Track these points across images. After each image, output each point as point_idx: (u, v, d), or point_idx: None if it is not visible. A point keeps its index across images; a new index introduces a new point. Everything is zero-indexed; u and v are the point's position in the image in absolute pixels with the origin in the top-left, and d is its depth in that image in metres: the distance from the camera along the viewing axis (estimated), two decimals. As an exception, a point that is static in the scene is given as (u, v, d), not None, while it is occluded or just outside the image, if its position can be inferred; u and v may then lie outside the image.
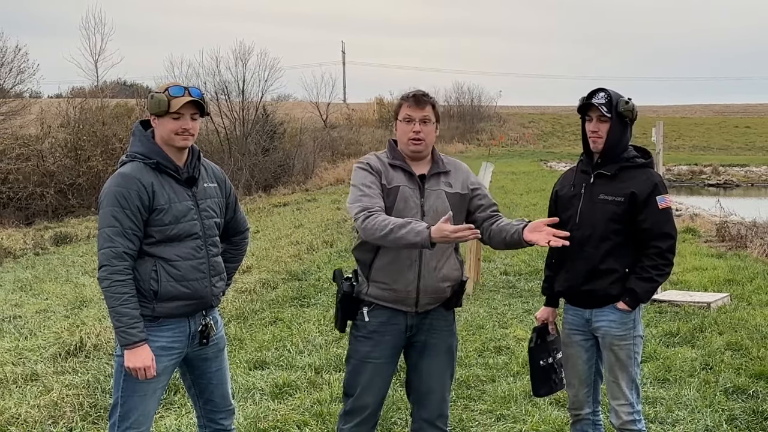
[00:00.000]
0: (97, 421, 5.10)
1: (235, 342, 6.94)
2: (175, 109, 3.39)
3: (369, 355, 3.61)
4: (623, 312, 3.78)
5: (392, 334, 3.60)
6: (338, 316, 3.67)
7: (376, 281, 3.55)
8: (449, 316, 3.73)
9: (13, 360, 6.43)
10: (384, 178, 3.54)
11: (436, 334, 3.67)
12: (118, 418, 3.44)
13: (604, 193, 3.79)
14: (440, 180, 3.62)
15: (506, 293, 9.25)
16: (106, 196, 3.37)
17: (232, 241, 3.81)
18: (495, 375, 6.11)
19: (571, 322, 3.96)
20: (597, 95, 3.79)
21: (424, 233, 3.25)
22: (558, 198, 4.01)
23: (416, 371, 3.70)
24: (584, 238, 3.79)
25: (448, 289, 3.62)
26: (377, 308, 3.59)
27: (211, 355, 3.65)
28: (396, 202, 3.51)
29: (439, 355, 3.68)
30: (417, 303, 3.57)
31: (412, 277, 3.52)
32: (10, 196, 22.22)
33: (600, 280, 3.78)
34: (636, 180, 3.78)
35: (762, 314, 7.93)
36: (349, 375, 3.67)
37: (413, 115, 3.56)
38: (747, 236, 13.32)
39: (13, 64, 26.12)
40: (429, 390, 3.67)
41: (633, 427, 3.84)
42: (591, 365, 3.95)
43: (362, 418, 3.63)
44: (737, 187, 34.01)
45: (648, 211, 3.74)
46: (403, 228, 3.30)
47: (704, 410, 5.29)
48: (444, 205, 3.56)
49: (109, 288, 3.30)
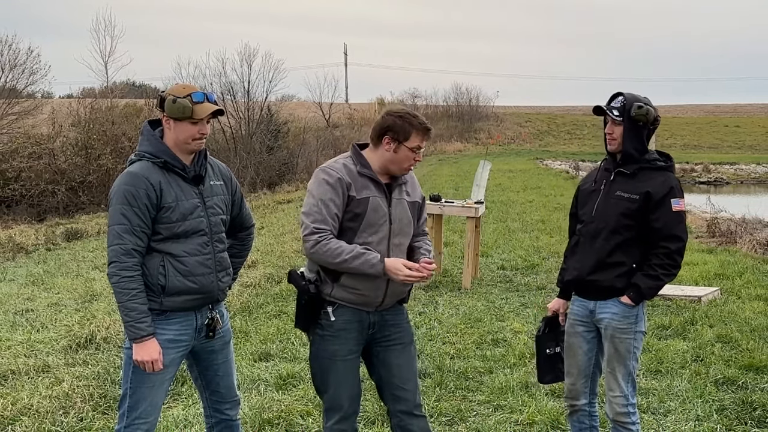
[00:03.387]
0: (107, 411, 5.10)
1: (240, 335, 6.94)
2: (200, 117, 3.39)
3: (337, 353, 3.55)
4: (627, 306, 3.78)
5: (357, 331, 3.58)
6: (302, 317, 3.57)
7: (346, 286, 3.49)
8: (403, 309, 3.76)
9: (26, 352, 6.43)
10: (353, 189, 3.48)
11: (398, 327, 3.67)
12: (127, 409, 3.44)
13: (621, 190, 3.81)
14: (402, 189, 3.63)
15: (503, 287, 9.24)
16: (115, 194, 3.37)
17: (238, 237, 3.81)
18: (492, 366, 6.10)
19: (576, 313, 3.97)
20: (615, 99, 3.83)
21: (378, 266, 3.36)
22: (579, 193, 4.09)
23: (386, 366, 3.65)
24: (597, 231, 3.84)
25: (407, 289, 3.67)
26: (341, 307, 3.54)
27: (218, 347, 3.65)
28: (367, 213, 3.47)
29: (406, 347, 3.67)
30: (382, 304, 3.58)
31: (381, 283, 3.50)
32: (22, 193, 22.22)
33: (606, 272, 3.79)
34: (653, 181, 3.78)
35: (751, 308, 7.93)
36: (320, 373, 3.61)
37: (421, 146, 3.56)
38: (737, 232, 13.33)
39: (26, 65, 26.13)
40: (403, 382, 3.63)
41: (626, 419, 3.83)
42: (591, 357, 3.95)
43: (341, 415, 3.58)
44: (727, 185, 34.02)
45: (661, 211, 3.74)
46: (357, 259, 3.36)
47: (695, 401, 5.29)
48: (406, 214, 3.59)
49: (118, 283, 3.30)
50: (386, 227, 3.50)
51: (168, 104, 3.40)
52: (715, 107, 71.26)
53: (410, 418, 3.65)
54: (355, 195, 3.47)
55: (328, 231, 3.39)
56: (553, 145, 51.55)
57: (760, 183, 35.00)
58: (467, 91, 59.76)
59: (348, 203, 3.45)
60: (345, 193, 3.45)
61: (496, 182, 23.64)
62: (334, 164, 3.57)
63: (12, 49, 25.70)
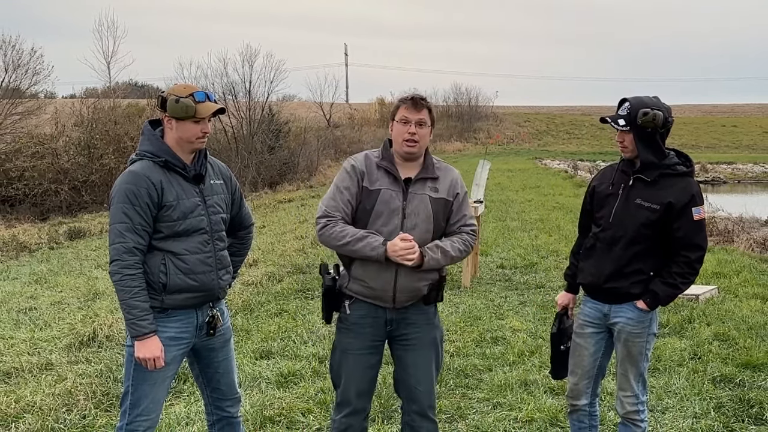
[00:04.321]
0: (110, 408, 5.10)
1: (241, 333, 6.94)
2: (203, 116, 3.39)
3: (350, 347, 3.59)
4: (642, 311, 3.73)
5: (372, 327, 3.58)
6: (324, 308, 3.65)
7: (356, 278, 3.54)
8: (429, 309, 3.67)
9: (29, 350, 6.43)
10: (366, 180, 3.51)
11: (417, 328, 3.63)
12: (129, 406, 3.44)
13: (641, 198, 3.69)
14: (426, 184, 3.57)
15: (502, 286, 9.23)
16: (117, 193, 3.37)
17: (238, 235, 3.80)
18: (492, 364, 6.10)
19: (587, 314, 3.91)
20: (622, 106, 3.69)
21: (380, 249, 3.37)
22: (595, 193, 3.92)
23: (402, 365, 3.66)
24: (615, 239, 3.73)
25: (425, 288, 3.58)
26: (357, 302, 3.58)
27: (218, 345, 3.64)
28: (376, 204, 3.48)
29: (423, 348, 3.64)
30: (394, 300, 3.54)
31: (389, 276, 3.48)
32: (26, 192, 22.22)
33: (624, 280, 3.72)
34: (674, 189, 3.67)
35: (748, 306, 7.92)
36: (335, 364, 3.67)
37: (410, 117, 3.53)
38: (734, 231, 13.34)
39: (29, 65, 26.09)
40: (417, 382, 3.63)
41: (636, 417, 3.84)
42: (596, 359, 3.91)
43: (351, 410, 3.60)
44: (724, 184, 33.98)
45: (682, 221, 3.64)
46: (360, 242, 3.39)
47: (693, 398, 5.29)
48: (426, 209, 3.53)
49: (120, 281, 3.30)
50: (397, 220, 3.48)
51: (170, 104, 3.39)
52: (712, 107, 71.23)
53: (422, 420, 3.65)
54: (368, 186, 3.51)
55: (338, 216, 3.46)
56: (552, 145, 51.53)
57: (757, 182, 34.96)
58: (467, 91, 59.71)
59: (361, 192, 3.50)
60: (359, 182, 3.51)
61: (495, 181, 23.63)
62: (358, 154, 3.67)
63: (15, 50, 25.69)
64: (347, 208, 3.49)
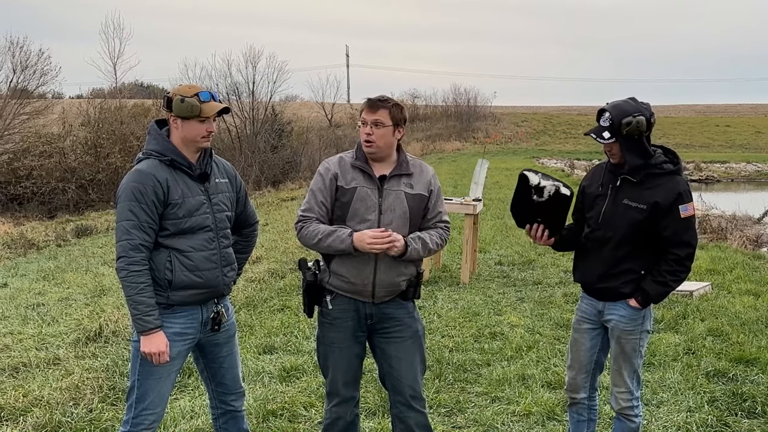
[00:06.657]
0: (116, 402, 5.10)
1: (245, 328, 6.94)
2: (207, 115, 3.39)
3: (334, 341, 3.63)
4: (634, 309, 3.73)
5: (353, 320, 3.62)
6: (305, 303, 3.68)
7: (336, 273, 3.57)
8: (408, 304, 3.71)
9: (37, 345, 6.43)
10: (341, 179, 3.55)
11: (398, 322, 3.66)
12: (135, 400, 3.44)
13: (628, 199, 3.67)
14: (401, 181, 3.60)
15: (500, 282, 9.23)
16: (123, 191, 3.37)
17: (243, 233, 3.81)
18: (490, 359, 6.10)
19: (584, 311, 3.92)
20: (602, 117, 3.63)
21: (347, 240, 3.43)
22: (585, 195, 3.92)
23: (385, 358, 3.69)
24: (604, 240, 3.72)
25: (403, 283, 3.61)
26: (338, 297, 3.61)
27: (223, 340, 3.65)
28: (353, 202, 3.52)
29: (405, 341, 3.66)
30: (373, 295, 3.58)
31: (368, 271, 3.52)
32: (33, 191, 22.27)
33: (615, 279, 3.72)
34: (661, 188, 3.63)
35: (741, 302, 7.92)
36: (321, 357, 3.72)
37: (366, 119, 3.55)
38: (727, 229, 13.34)
39: (37, 66, 26.16)
40: (400, 375, 3.66)
41: (630, 412, 3.84)
42: (593, 354, 3.91)
43: (339, 399, 3.66)
44: (718, 183, 33.97)
45: (669, 219, 3.61)
46: (330, 237, 3.45)
47: (687, 392, 5.29)
48: (402, 205, 3.56)
49: (127, 278, 3.30)
50: (374, 216, 3.52)
51: (176, 104, 3.39)
52: (706, 107, 71.15)
53: (408, 410, 3.67)
54: (344, 185, 3.55)
55: (312, 217, 3.52)
56: (549, 144, 51.45)
57: (750, 181, 34.96)
58: (465, 91, 59.62)
59: (336, 192, 3.54)
60: (333, 182, 3.55)
61: (493, 180, 23.61)
62: (332, 157, 3.70)
63: (23, 51, 25.75)
64: (321, 209, 3.54)
